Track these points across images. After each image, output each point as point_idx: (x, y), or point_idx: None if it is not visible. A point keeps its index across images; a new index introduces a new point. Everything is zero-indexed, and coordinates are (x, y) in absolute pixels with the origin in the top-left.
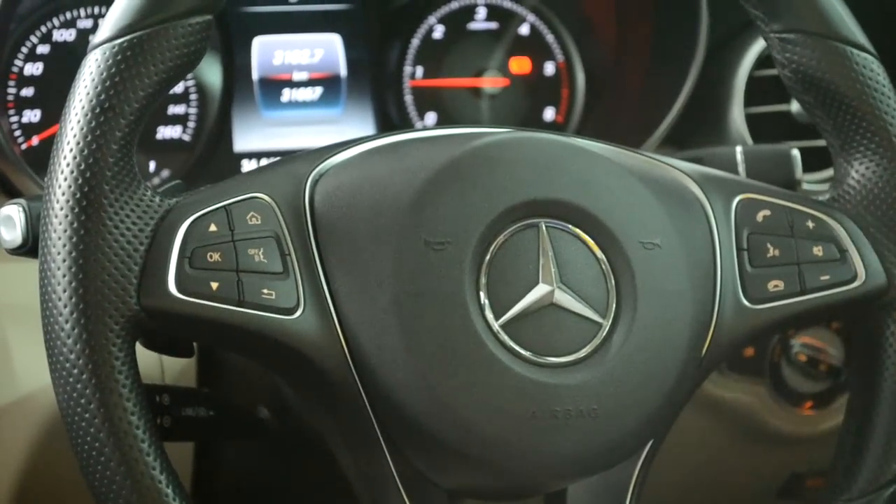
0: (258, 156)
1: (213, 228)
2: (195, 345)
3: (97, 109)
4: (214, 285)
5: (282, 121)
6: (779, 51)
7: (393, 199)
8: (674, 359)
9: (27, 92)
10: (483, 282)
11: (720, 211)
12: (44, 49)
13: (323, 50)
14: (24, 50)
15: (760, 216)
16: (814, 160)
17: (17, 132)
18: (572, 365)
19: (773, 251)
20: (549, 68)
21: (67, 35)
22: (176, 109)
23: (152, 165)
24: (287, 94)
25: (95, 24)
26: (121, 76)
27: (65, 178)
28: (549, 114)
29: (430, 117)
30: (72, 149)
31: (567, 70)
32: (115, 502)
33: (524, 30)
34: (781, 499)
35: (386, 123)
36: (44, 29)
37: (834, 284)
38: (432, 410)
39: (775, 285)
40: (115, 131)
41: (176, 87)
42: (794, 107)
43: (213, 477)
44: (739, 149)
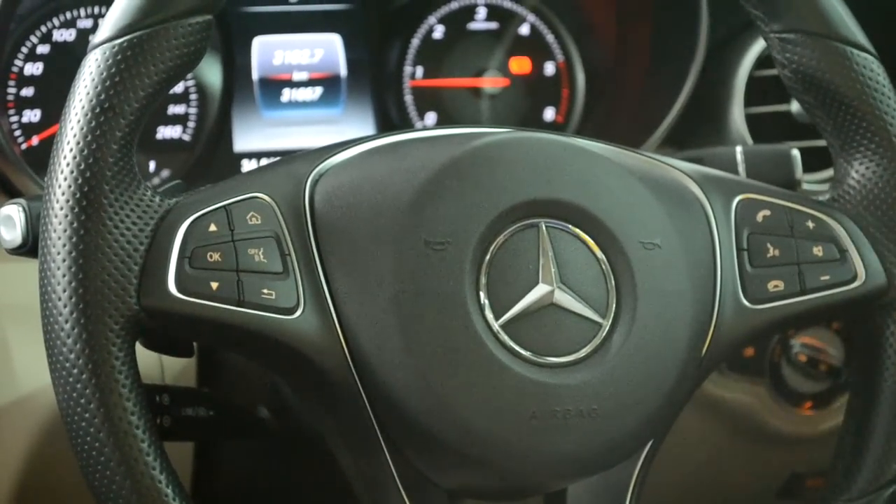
0: (258, 156)
1: (213, 228)
2: (195, 345)
3: (97, 109)
4: (214, 285)
5: (282, 121)
6: (779, 51)
7: (393, 199)
8: (674, 359)
9: (27, 92)
10: (483, 282)
11: (720, 211)
12: (44, 49)
13: (323, 50)
14: (24, 50)
15: (760, 216)
16: (814, 160)
17: (17, 132)
18: (572, 365)
19: (773, 251)
20: (550, 68)
21: (67, 35)
22: (176, 109)
23: (152, 165)
24: (287, 94)
25: (95, 23)
26: (121, 76)
27: (65, 177)
28: (549, 114)
29: (430, 117)
30: (72, 149)
31: (567, 70)
32: (115, 502)
33: (524, 30)
34: (781, 499)
35: (386, 123)
36: (44, 29)
37: (834, 284)
38: (432, 410)
39: (775, 285)
40: (115, 131)
41: (176, 86)
42: (794, 107)
43: (213, 477)
44: (739, 149)
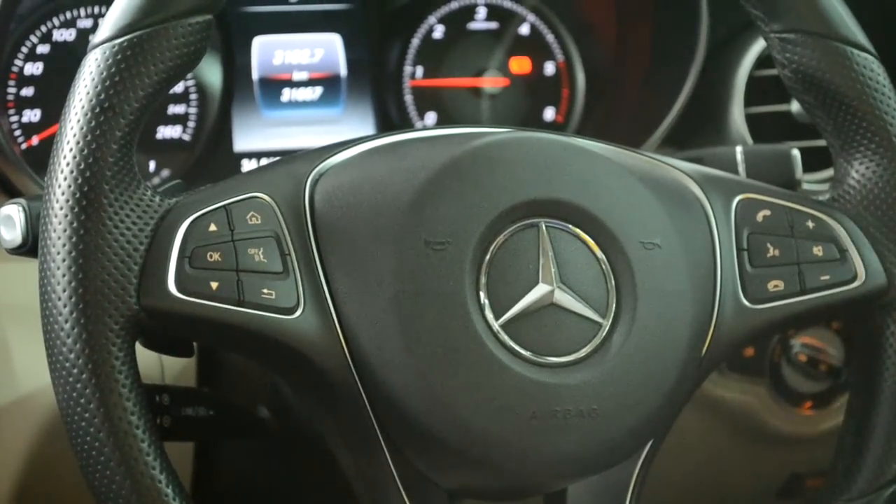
0: (258, 155)
1: (212, 228)
2: (195, 345)
3: (97, 109)
4: (214, 285)
5: (282, 120)
6: (779, 51)
7: (393, 198)
8: (674, 359)
9: (27, 91)
10: (483, 282)
11: (720, 211)
12: (44, 49)
13: (323, 50)
14: (24, 50)
15: (760, 216)
16: (814, 160)
17: (17, 132)
18: (572, 365)
19: (773, 251)
20: (550, 68)
21: (67, 35)
22: (176, 109)
23: (152, 165)
24: (287, 94)
25: (95, 23)
26: (121, 76)
27: (65, 177)
28: (550, 114)
29: (430, 117)
30: (72, 148)
31: (567, 70)
32: (115, 502)
33: (524, 30)
34: (781, 499)
35: (386, 123)
36: (44, 28)
37: (834, 284)
38: (432, 410)
39: (775, 285)
40: (115, 131)
41: (176, 86)
42: (794, 107)
43: (213, 477)
44: (739, 149)
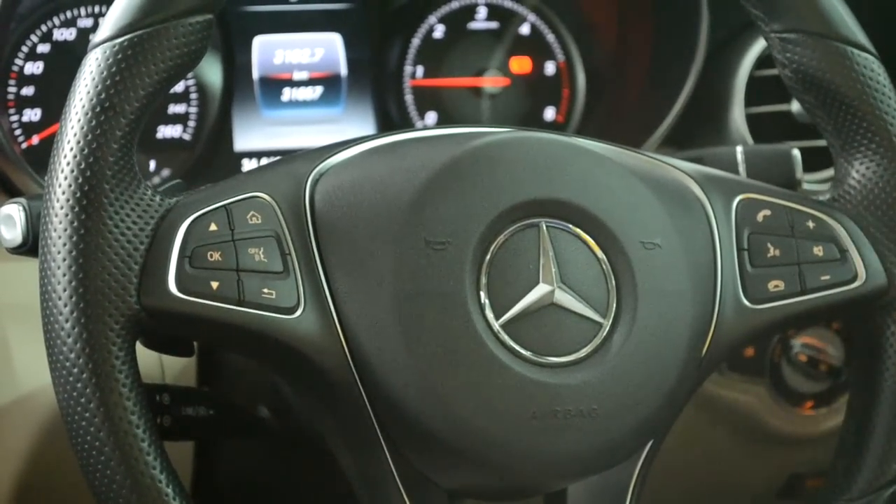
0: (258, 155)
1: (213, 228)
2: (195, 344)
3: (97, 108)
4: (215, 285)
5: (282, 120)
6: (779, 51)
7: (393, 198)
8: (674, 359)
9: (27, 91)
10: (483, 281)
11: (721, 211)
12: (44, 48)
13: (323, 49)
14: (25, 49)
15: (761, 216)
16: (814, 160)
17: (18, 131)
18: (572, 365)
19: (773, 251)
20: (550, 68)
21: (68, 34)
22: (176, 108)
23: (152, 165)
24: (287, 94)
25: (96, 23)
26: (121, 75)
27: (65, 177)
28: (550, 113)
29: (431, 117)
30: (72, 148)
31: (568, 70)
32: (115, 502)
33: (525, 29)
34: (781, 499)
35: (386, 123)
36: (44, 28)
37: (834, 284)
38: (432, 410)
39: (776, 285)
40: (115, 130)
41: (176, 86)
42: (795, 107)
43: (213, 477)
44: (740, 149)
